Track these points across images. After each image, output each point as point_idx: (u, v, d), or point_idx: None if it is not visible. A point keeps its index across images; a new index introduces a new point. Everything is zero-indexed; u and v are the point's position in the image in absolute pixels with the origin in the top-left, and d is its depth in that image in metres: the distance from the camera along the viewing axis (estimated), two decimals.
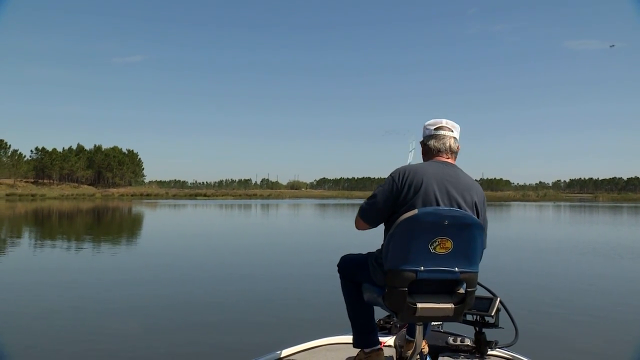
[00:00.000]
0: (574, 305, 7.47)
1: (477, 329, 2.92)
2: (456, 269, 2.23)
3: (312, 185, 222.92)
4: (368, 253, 2.60)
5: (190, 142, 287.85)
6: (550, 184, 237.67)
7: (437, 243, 2.19)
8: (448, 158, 2.55)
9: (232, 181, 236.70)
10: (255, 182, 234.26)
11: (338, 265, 2.77)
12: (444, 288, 2.29)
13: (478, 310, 2.87)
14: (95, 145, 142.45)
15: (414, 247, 2.20)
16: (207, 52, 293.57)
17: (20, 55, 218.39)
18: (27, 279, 9.21)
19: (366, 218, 2.51)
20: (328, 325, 4.97)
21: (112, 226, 25.72)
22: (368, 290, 2.51)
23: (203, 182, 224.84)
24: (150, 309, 6.84)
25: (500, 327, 2.88)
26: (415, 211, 2.21)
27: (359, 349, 2.69)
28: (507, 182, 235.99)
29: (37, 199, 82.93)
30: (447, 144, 2.55)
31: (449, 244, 2.20)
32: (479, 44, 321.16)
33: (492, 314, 2.85)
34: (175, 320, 6.22)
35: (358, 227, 2.58)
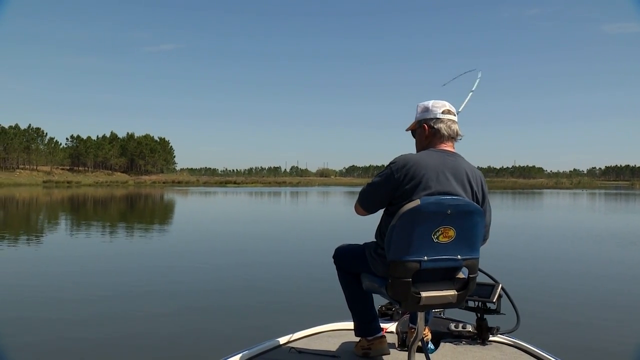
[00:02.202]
0: (580, 291, 7.39)
1: (479, 315, 2.92)
2: (459, 256, 2.24)
3: (341, 173, 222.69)
4: (364, 244, 2.59)
5: (220, 130, 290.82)
6: (585, 171, 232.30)
7: (440, 232, 2.20)
8: (452, 146, 2.52)
9: (262, 169, 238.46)
10: (285, 169, 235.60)
11: (333, 257, 2.76)
12: (446, 275, 2.31)
13: (480, 296, 2.89)
14: (128, 133, 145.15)
15: (418, 237, 2.19)
16: (239, 40, 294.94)
17: (57, 44, 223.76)
18: (62, 267, 9.52)
19: (363, 205, 2.52)
20: (332, 311, 5.07)
21: (144, 214, 26.27)
22: (368, 280, 2.51)
23: (233, 170, 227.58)
24: (162, 295, 6.98)
25: (502, 314, 2.89)
26: (418, 202, 2.19)
27: (362, 337, 2.71)
28: (540, 169, 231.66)
29: (72, 186, 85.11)
30: (455, 130, 2.51)
31: (451, 233, 2.21)
32: (513, 28, 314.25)
33: (494, 300, 2.86)
34: (177, 305, 6.33)
35: (357, 212, 2.59)
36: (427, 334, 2.80)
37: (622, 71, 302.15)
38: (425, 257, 2.20)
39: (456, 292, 2.27)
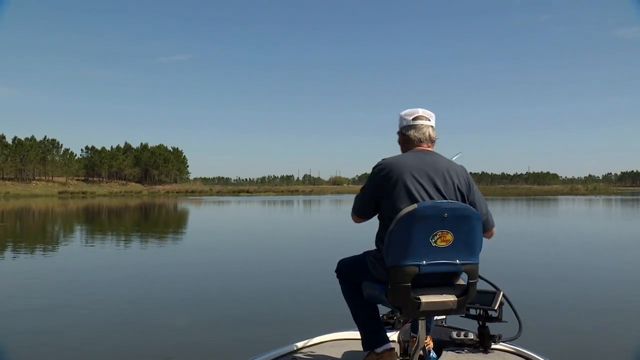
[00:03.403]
0: (583, 298, 7.33)
1: (481, 323, 2.90)
2: (457, 261, 2.24)
3: (353, 181, 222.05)
4: (365, 252, 2.61)
5: (233, 139, 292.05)
6: (601, 177, 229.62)
7: (437, 236, 2.21)
8: (428, 147, 2.57)
9: (275, 177, 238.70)
10: (298, 178, 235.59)
11: (336, 271, 2.76)
12: (445, 281, 2.29)
13: (481, 304, 2.86)
14: (141, 144, 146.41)
15: (415, 241, 2.20)
16: (251, 50, 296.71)
17: (71, 56, 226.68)
18: (75, 276, 9.64)
19: (356, 211, 2.60)
20: (335, 321, 5.09)
21: (157, 223, 26.45)
22: (369, 288, 2.51)
23: (246, 179, 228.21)
24: (165, 305, 7.05)
25: (504, 321, 2.87)
26: (415, 206, 2.22)
27: (370, 351, 2.63)
28: (555, 175, 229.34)
29: (87, 197, 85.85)
30: (427, 134, 2.56)
31: (449, 237, 2.21)
32: (526, 34, 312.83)
33: (496, 308, 2.84)
34: (180, 316, 6.38)
35: (353, 219, 2.65)
36: (429, 343, 2.78)
37: (637, 76, 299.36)
38: (424, 262, 2.21)
39: (456, 298, 2.26)
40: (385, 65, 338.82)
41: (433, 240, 2.21)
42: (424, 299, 2.22)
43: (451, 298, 2.26)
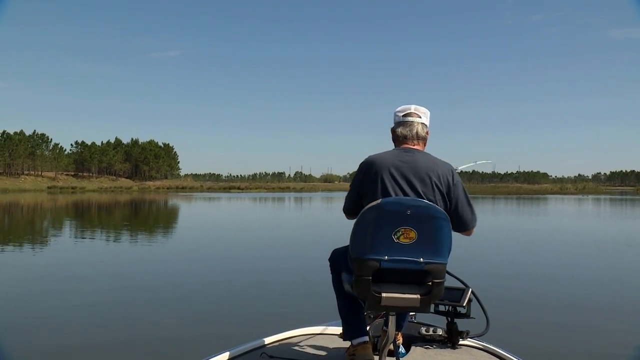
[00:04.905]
0: (551, 296, 7.46)
1: (449, 319, 2.94)
2: (421, 259, 2.22)
3: (345, 179, 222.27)
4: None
5: (225, 136, 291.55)
6: (590, 177, 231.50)
7: (400, 233, 2.20)
8: (415, 145, 2.57)
9: (266, 174, 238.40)
10: (289, 175, 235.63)
11: (329, 259, 2.79)
12: (410, 278, 2.27)
13: (450, 300, 2.90)
14: (132, 139, 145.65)
15: (378, 236, 2.22)
16: (243, 46, 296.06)
17: (62, 50, 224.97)
18: (64, 271, 9.62)
19: (345, 208, 2.63)
20: (310, 316, 5.09)
21: (148, 219, 26.36)
22: (345, 280, 2.54)
23: (237, 175, 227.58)
24: (145, 300, 7.08)
25: (472, 317, 2.90)
26: (379, 201, 2.24)
27: (350, 342, 2.66)
28: (545, 174, 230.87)
29: (77, 192, 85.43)
30: (414, 131, 2.57)
31: (412, 234, 2.20)
32: (517, 35, 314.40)
33: (464, 305, 2.88)
34: (158, 310, 6.45)
35: (346, 217, 2.67)
36: (399, 338, 2.81)
37: (628, 77, 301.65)
38: (386, 257, 2.22)
39: (419, 297, 2.24)
40: (377, 63, 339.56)
41: (396, 237, 2.21)
42: (385, 294, 2.23)
43: (414, 296, 2.24)
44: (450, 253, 2.30)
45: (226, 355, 2.66)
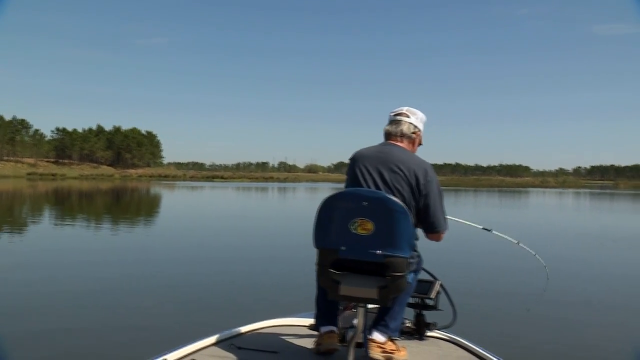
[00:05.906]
0: (517, 289, 7.56)
1: (417, 311, 2.97)
2: (379, 251, 2.21)
3: (329, 169, 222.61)
4: None
5: (208, 125, 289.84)
6: (571, 171, 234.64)
7: (357, 223, 2.23)
8: (397, 141, 2.61)
9: (250, 164, 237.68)
10: (273, 165, 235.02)
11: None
12: (369, 270, 2.27)
13: (418, 293, 2.91)
14: (114, 127, 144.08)
15: (335, 226, 2.27)
16: (230, 35, 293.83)
17: (45, 35, 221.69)
18: (45, 258, 9.48)
19: None
20: (283, 307, 5.07)
21: (129, 207, 26.14)
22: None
23: (221, 165, 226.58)
24: (114, 288, 7.03)
25: (440, 310, 2.94)
26: (337, 192, 2.32)
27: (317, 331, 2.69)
28: (527, 168, 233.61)
29: (57, 179, 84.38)
30: (399, 128, 2.62)
31: (369, 225, 2.22)
32: (502, 27, 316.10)
33: (432, 297, 2.91)
34: (130, 299, 6.42)
35: None
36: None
37: (611, 72, 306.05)
38: (343, 247, 2.25)
39: (378, 289, 2.23)
40: (363, 54, 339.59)
41: (353, 227, 2.24)
42: (343, 284, 2.26)
43: (372, 287, 2.24)
44: (418, 247, 2.30)
45: (195, 345, 2.64)
